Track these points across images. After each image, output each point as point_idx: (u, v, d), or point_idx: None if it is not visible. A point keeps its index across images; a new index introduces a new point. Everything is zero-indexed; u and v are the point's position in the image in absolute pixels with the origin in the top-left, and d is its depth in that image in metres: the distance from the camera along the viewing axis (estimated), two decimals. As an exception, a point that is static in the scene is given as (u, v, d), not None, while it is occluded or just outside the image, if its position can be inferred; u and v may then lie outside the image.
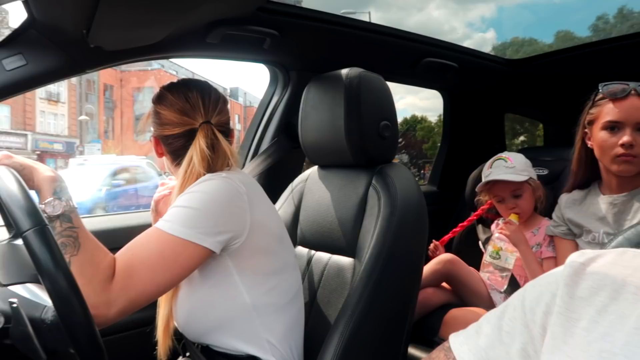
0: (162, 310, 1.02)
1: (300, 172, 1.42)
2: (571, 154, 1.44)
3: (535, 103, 2.56)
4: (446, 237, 1.77)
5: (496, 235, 1.59)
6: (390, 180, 1.13)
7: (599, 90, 1.30)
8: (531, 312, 0.50)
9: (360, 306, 0.99)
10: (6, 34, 1.11)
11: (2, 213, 0.85)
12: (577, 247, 1.39)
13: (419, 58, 1.83)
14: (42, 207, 0.77)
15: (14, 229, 0.66)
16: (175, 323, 1.04)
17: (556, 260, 1.46)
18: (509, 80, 2.22)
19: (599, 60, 1.95)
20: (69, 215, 0.80)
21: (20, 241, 0.66)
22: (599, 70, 1.97)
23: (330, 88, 1.19)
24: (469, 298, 1.59)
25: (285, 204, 1.35)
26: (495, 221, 1.72)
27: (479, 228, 1.82)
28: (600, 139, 1.29)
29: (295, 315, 1.05)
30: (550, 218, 1.52)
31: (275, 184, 1.46)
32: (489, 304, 1.53)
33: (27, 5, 1.03)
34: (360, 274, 1.03)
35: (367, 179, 1.17)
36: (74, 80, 22.89)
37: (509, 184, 1.57)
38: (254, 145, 1.71)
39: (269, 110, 1.71)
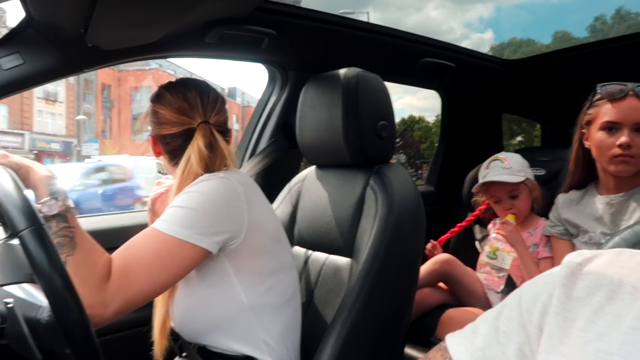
0: (159, 310, 1.02)
1: (297, 172, 1.42)
2: (569, 154, 1.44)
3: (532, 103, 2.56)
4: (444, 237, 1.77)
5: (493, 235, 1.59)
6: (387, 180, 1.13)
7: (597, 91, 1.30)
8: (528, 312, 0.50)
9: (357, 306, 0.99)
10: (3, 33, 1.10)
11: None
12: (574, 247, 1.39)
13: (417, 58, 1.83)
14: (39, 207, 0.77)
15: (10, 228, 0.66)
16: (172, 323, 1.04)
17: (553, 260, 1.47)
18: (506, 81, 2.22)
19: (596, 61, 1.95)
20: (65, 215, 0.79)
21: (15, 241, 0.65)
22: (597, 70, 1.97)
23: (328, 88, 1.19)
24: (466, 298, 1.59)
25: (282, 204, 1.35)
26: (492, 221, 1.72)
27: (476, 228, 1.82)
28: (597, 139, 1.29)
29: (292, 316, 1.05)
30: (547, 218, 1.52)
31: (272, 184, 1.46)
32: (486, 304, 1.53)
33: (25, 4, 1.02)
34: (357, 273, 1.03)
35: (365, 179, 1.17)
36: (72, 80, 22.87)
37: (506, 185, 1.57)
38: (251, 145, 1.71)
39: (266, 110, 1.71)
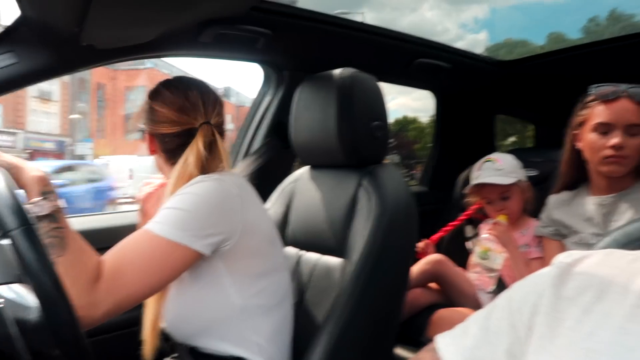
0: (150, 310, 1.01)
1: (290, 173, 1.42)
2: (561, 155, 1.44)
3: (526, 104, 2.56)
4: (436, 236, 1.77)
5: (484, 235, 1.59)
6: (380, 181, 1.14)
7: (590, 92, 1.31)
8: (518, 313, 0.50)
9: (349, 306, 0.99)
10: (-2, 32, 1.09)
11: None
12: (565, 248, 1.40)
13: (412, 59, 1.83)
14: (29, 207, 0.76)
15: (0, 228, 0.65)
16: (163, 324, 1.03)
17: (544, 260, 1.47)
18: (500, 82, 2.23)
19: (590, 62, 1.96)
20: (56, 215, 0.79)
21: (5, 241, 0.65)
22: (590, 71, 1.97)
23: (323, 88, 1.19)
24: (457, 298, 1.59)
25: (275, 204, 1.35)
26: (484, 221, 1.72)
27: (467, 227, 1.83)
28: (590, 140, 1.29)
29: (284, 316, 1.05)
30: (539, 219, 1.53)
31: (265, 184, 1.45)
32: (477, 305, 1.53)
33: (20, 3, 1.01)
34: (349, 274, 1.03)
35: (358, 179, 1.17)
36: (67, 79, 22.71)
37: (497, 186, 1.56)
38: (245, 145, 1.71)
39: (260, 110, 1.71)
